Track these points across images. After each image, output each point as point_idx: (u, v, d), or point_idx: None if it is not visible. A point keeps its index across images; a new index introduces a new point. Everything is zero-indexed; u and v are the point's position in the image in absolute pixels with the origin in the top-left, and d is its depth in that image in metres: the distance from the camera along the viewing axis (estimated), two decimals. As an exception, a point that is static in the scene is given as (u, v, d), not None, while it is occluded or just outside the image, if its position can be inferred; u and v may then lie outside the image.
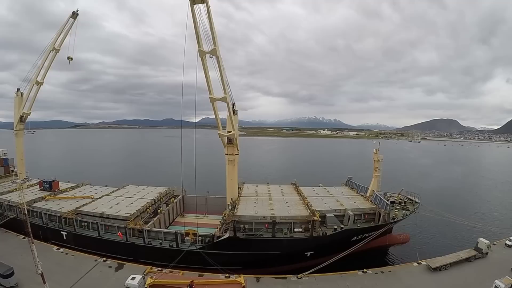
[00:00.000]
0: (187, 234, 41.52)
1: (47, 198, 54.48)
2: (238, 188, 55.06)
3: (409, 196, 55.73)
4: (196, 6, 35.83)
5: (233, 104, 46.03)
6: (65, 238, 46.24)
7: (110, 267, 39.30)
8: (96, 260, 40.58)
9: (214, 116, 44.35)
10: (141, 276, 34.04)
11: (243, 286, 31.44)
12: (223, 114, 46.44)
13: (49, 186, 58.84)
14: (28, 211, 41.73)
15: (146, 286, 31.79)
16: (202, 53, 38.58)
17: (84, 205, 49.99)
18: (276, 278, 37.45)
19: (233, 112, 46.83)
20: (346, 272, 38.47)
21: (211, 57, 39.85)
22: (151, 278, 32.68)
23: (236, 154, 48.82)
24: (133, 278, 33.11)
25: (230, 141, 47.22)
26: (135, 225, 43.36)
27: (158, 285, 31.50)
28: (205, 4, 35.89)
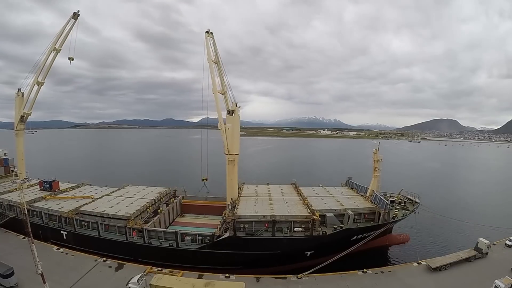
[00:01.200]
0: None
1: (47, 198, 54.51)
2: (238, 188, 55.13)
3: (409, 196, 55.74)
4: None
5: (236, 104, 47.52)
6: (65, 237, 46.28)
7: (110, 267, 39.28)
8: (96, 260, 40.57)
9: (213, 117, 44.96)
10: (143, 277, 33.95)
11: None
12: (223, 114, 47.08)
13: (49, 186, 58.88)
14: (28, 210, 41.76)
15: (149, 284, 31.65)
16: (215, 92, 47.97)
17: (84, 205, 50.01)
18: (276, 278, 37.43)
19: (232, 113, 47.26)
20: (346, 272, 38.45)
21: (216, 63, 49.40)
22: (154, 280, 32.60)
23: (236, 154, 48.92)
24: (134, 278, 33.10)
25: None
26: (135, 224, 43.37)
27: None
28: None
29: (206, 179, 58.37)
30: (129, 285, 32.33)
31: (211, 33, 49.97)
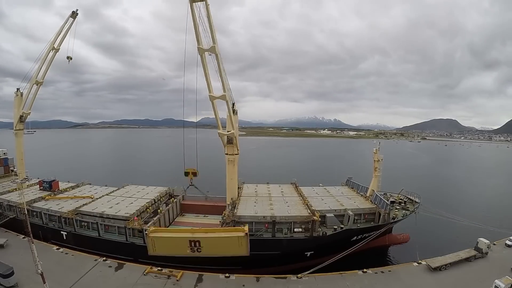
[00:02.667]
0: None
1: (47, 198, 54.45)
2: (238, 188, 55.06)
3: (409, 196, 55.74)
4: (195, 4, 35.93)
5: (233, 104, 46.14)
6: (65, 238, 46.24)
7: (110, 267, 39.27)
8: (96, 260, 40.56)
9: (213, 116, 44.37)
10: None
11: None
12: (223, 114, 46.51)
13: (49, 186, 58.81)
14: (28, 211, 41.71)
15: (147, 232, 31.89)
16: (201, 51, 38.59)
17: (84, 205, 49.95)
18: (276, 278, 37.43)
19: (233, 112, 46.97)
20: (346, 272, 38.46)
21: (210, 55, 39.95)
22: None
23: (236, 154, 48.84)
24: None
25: (230, 141, 47.21)
26: (137, 224, 43.32)
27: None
28: (204, 2, 36.14)
29: (194, 174, 52.25)
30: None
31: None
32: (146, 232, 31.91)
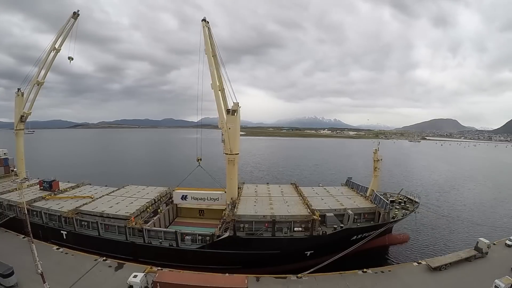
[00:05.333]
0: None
1: (47, 197, 54.48)
2: (238, 188, 55.09)
3: (409, 196, 55.72)
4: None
5: (237, 104, 47.44)
6: (65, 237, 46.25)
7: (110, 266, 39.29)
8: (96, 260, 40.59)
9: (213, 116, 44.78)
10: (143, 274, 34.06)
11: (246, 287, 31.05)
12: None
13: (49, 186, 58.83)
14: (28, 210, 41.70)
15: (153, 279, 31.74)
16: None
17: (84, 204, 49.99)
18: (276, 277, 37.45)
19: (233, 112, 47.21)
20: (346, 271, 38.46)
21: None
22: (156, 274, 32.74)
23: (236, 154, 48.90)
24: (135, 276, 33.16)
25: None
26: (135, 224, 43.38)
27: (164, 281, 31.47)
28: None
29: (200, 159, 56.33)
30: (131, 283, 32.31)
31: (207, 21, 47.42)
32: (153, 279, 31.80)
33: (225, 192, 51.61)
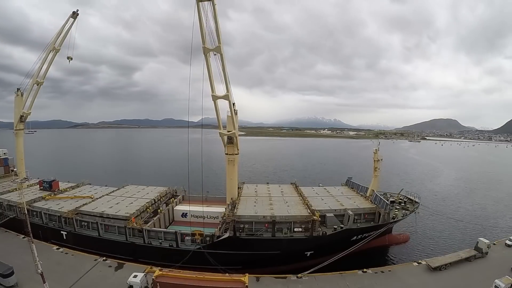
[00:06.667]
0: (193, 234, 41.40)
1: (47, 197, 54.45)
2: (238, 188, 55.08)
3: (409, 196, 55.74)
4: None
5: (233, 104, 46.24)
6: (65, 237, 46.24)
7: (110, 266, 39.32)
8: (96, 260, 40.61)
9: (213, 116, 44.59)
10: (143, 274, 34.05)
11: (246, 286, 31.27)
12: (222, 114, 46.62)
13: (49, 186, 58.82)
14: (28, 210, 41.67)
15: (153, 277, 31.78)
16: (206, 51, 38.93)
17: (84, 204, 49.96)
18: (276, 277, 37.47)
19: (234, 112, 47.07)
20: (346, 271, 38.48)
21: (215, 54, 40.31)
22: (159, 271, 32.74)
23: (236, 154, 48.88)
24: (135, 276, 33.19)
25: (231, 141, 47.27)
26: (135, 224, 43.36)
27: (164, 281, 31.51)
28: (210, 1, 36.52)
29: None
30: (131, 283, 32.33)
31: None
32: (153, 278, 31.86)
33: (226, 208, 49.37)
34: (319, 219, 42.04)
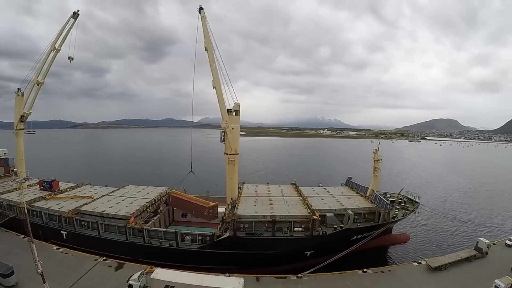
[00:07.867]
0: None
1: (47, 197, 54.47)
2: (238, 188, 55.11)
3: (409, 196, 55.76)
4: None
5: (238, 104, 47.58)
6: (65, 237, 46.25)
7: (110, 266, 39.28)
8: (96, 260, 40.56)
9: (213, 116, 44.74)
10: (143, 274, 33.99)
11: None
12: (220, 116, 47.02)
13: (49, 186, 58.82)
14: (28, 210, 41.75)
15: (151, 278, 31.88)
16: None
17: (84, 204, 49.98)
18: (276, 277, 37.44)
19: (235, 112, 47.23)
20: (346, 271, 38.44)
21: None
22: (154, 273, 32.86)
23: (236, 154, 48.91)
24: (135, 276, 33.14)
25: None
26: (135, 224, 43.38)
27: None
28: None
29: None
30: (130, 281, 32.33)
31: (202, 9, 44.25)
32: (151, 278, 31.94)
33: (226, 208, 48.86)
34: (319, 218, 42.06)
